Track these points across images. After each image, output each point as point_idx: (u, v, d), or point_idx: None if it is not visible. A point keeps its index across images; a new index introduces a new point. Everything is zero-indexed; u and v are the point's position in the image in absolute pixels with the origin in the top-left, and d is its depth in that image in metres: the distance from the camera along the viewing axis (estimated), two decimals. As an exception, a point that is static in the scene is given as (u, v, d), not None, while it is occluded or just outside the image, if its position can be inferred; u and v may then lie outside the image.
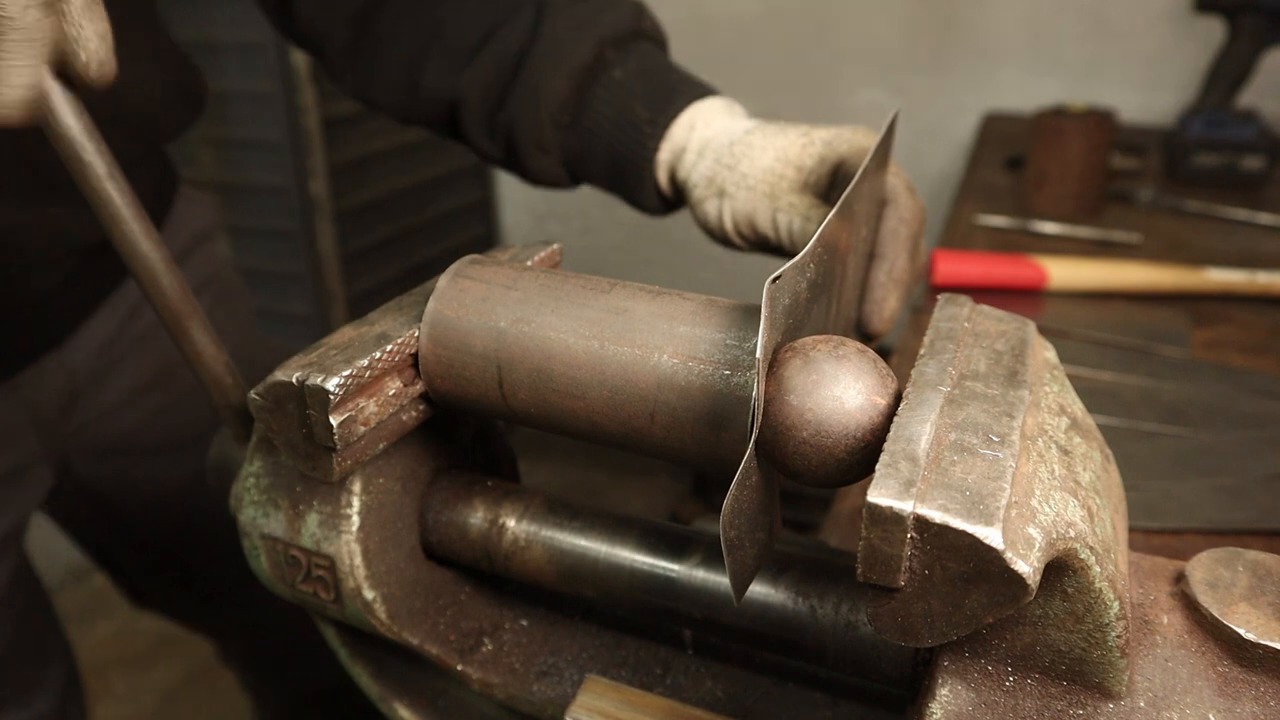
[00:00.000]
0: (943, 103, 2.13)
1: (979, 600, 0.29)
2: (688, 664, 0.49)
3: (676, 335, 0.38)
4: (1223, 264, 1.10)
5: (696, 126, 0.66)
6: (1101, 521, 0.32)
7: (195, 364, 0.50)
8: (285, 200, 2.06)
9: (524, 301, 0.41)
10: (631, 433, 0.39)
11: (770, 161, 0.62)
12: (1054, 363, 0.39)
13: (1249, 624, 0.32)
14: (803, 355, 0.34)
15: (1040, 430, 0.33)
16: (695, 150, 0.66)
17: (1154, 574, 0.36)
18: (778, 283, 0.32)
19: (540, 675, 0.49)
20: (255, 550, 0.47)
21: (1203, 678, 0.32)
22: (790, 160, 0.61)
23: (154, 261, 0.46)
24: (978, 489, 0.29)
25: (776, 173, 0.61)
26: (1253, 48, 1.49)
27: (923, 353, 0.36)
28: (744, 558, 0.34)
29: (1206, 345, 0.96)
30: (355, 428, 0.40)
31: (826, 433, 0.33)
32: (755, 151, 0.63)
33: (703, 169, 0.65)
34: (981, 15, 2.04)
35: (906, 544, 0.29)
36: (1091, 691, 0.32)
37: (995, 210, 1.34)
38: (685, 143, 0.66)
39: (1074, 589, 0.31)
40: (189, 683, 2.00)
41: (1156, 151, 1.59)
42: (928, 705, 0.33)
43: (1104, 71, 1.97)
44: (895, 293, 0.57)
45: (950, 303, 0.40)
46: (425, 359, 0.42)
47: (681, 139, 0.66)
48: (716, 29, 2.29)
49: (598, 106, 0.69)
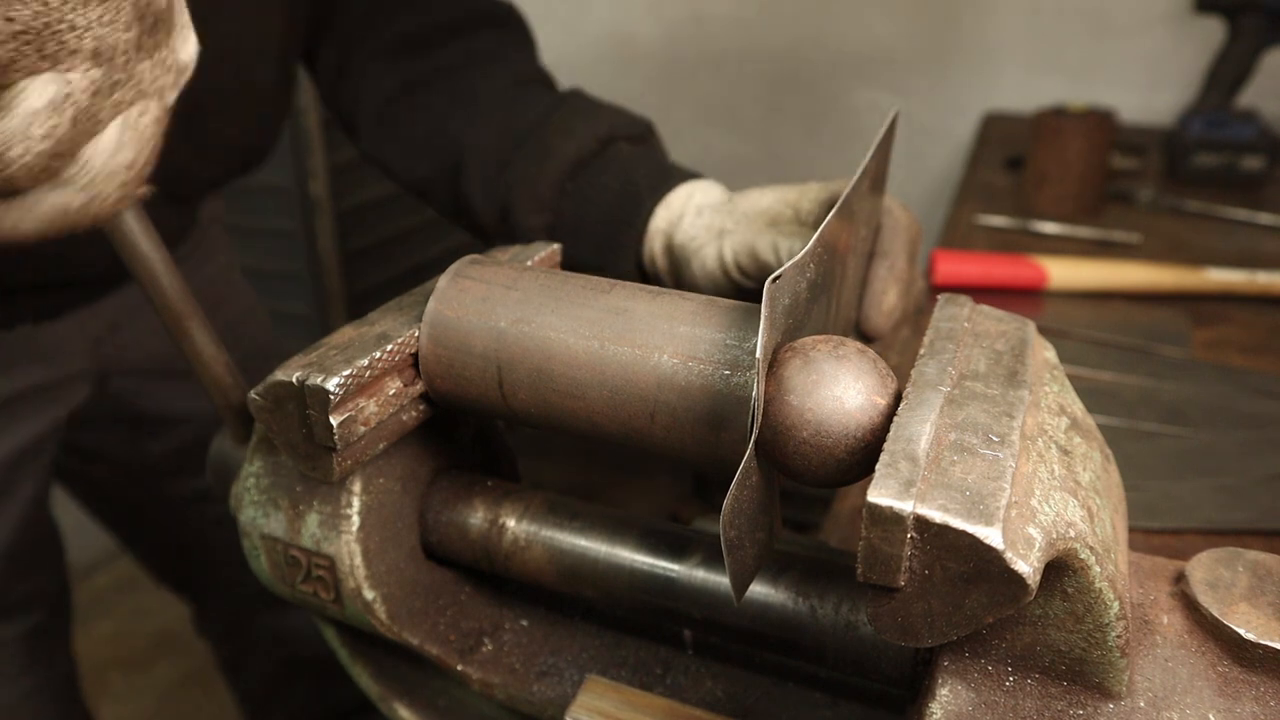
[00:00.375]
0: (943, 103, 2.13)
1: (979, 600, 0.29)
2: (688, 664, 0.49)
3: (676, 335, 0.38)
4: (1223, 264, 1.10)
5: (695, 195, 0.69)
6: (1101, 521, 0.32)
7: (195, 364, 0.50)
8: (285, 200, 2.06)
9: (524, 301, 0.41)
10: (631, 433, 0.39)
11: (770, 201, 0.64)
12: (1054, 363, 0.39)
13: (1249, 624, 0.32)
14: (803, 355, 0.34)
15: (1040, 430, 0.33)
16: (694, 211, 0.68)
17: (1154, 574, 0.36)
18: (778, 283, 0.32)
19: (540, 675, 0.49)
20: (255, 550, 0.47)
21: (1203, 678, 0.32)
22: (789, 202, 0.64)
23: (154, 262, 0.46)
24: (978, 489, 0.29)
25: (776, 210, 0.64)
26: (1253, 48, 1.49)
27: (923, 353, 0.36)
28: (744, 558, 0.34)
29: (1206, 345, 0.96)
30: (355, 428, 0.40)
31: (826, 433, 0.33)
32: (754, 195, 0.66)
33: (702, 223, 0.67)
34: (982, 15, 2.04)
35: (906, 544, 0.29)
36: (1091, 691, 0.32)
37: (995, 210, 1.34)
38: (683, 209, 0.69)
39: (1074, 589, 0.31)
40: (188, 683, 2.00)
41: (1156, 151, 1.58)
42: (928, 705, 0.33)
43: (1104, 71, 1.97)
44: (895, 288, 0.58)
45: (950, 303, 0.40)
46: (425, 359, 0.42)
47: (679, 205, 0.69)
48: (716, 29, 2.29)
49: (599, 174, 0.72)
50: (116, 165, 0.39)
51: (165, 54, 0.40)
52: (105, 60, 0.36)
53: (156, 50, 0.39)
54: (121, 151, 0.39)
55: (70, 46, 0.34)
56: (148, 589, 1.97)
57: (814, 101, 2.27)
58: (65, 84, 0.35)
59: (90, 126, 0.37)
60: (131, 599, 2.20)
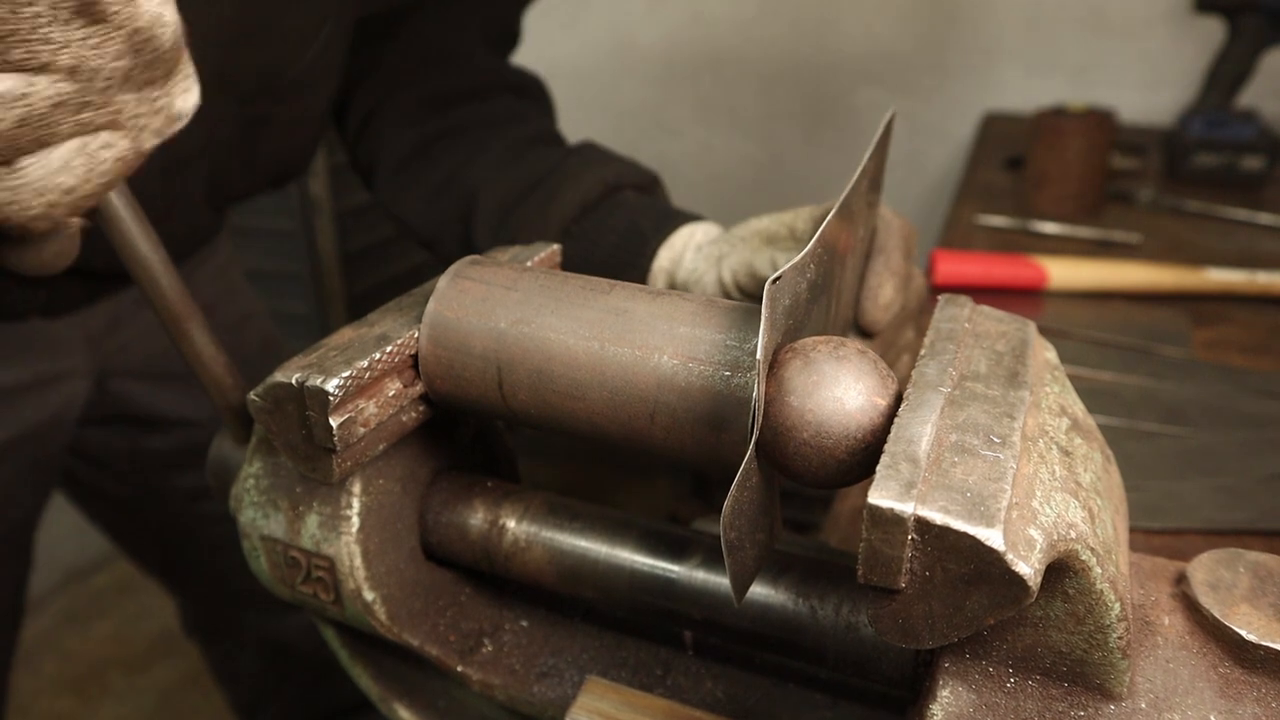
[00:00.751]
0: (943, 103, 2.13)
1: (980, 602, 0.29)
2: (688, 665, 0.49)
3: (676, 336, 0.38)
4: (1223, 264, 1.10)
5: (695, 234, 0.71)
6: (1102, 522, 0.32)
7: (195, 364, 0.50)
8: (285, 200, 2.06)
9: (524, 302, 0.41)
10: (631, 433, 0.39)
11: (766, 223, 0.66)
12: (1055, 363, 0.39)
13: (1250, 625, 0.32)
14: (803, 356, 0.34)
15: (1041, 431, 0.33)
16: (694, 249, 0.70)
17: (1155, 575, 0.36)
18: (778, 283, 0.32)
19: (540, 676, 0.49)
20: (255, 551, 0.47)
21: (1204, 679, 0.32)
22: (784, 222, 0.65)
23: (153, 262, 0.46)
24: (978, 490, 0.29)
25: (772, 230, 0.65)
26: (1253, 48, 1.49)
27: (923, 353, 0.36)
28: (744, 559, 0.34)
29: (1206, 345, 0.96)
30: (355, 429, 0.40)
31: (827, 434, 0.33)
32: (751, 220, 0.67)
33: (701, 256, 0.68)
34: (982, 15, 2.04)
35: (907, 545, 0.29)
36: (1093, 693, 0.32)
37: (995, 210, 1.34)
38: (685, 247, 0.70)
39: (1075, 590, 0.31)
40: (188, 683, 2.00)
41: (1156, 151, 1.58)
42: (928, 706, 0.33)
43: (1104, 71, 1.97)
44: (891, 282, 0.58)
45: (950, 303, 0.40)
46: (425, 360, 0.42)
47: (681, 244, 0.71)
48: (716, 29, 2.29)
49: (606, 216, 0.74)
50: (52, 184, 0.37)
51: (158, 95, 0.39)
52: (82, 80, 0.35)
53: (148, 87, 0.38)
54: (64, 174, 0.37)
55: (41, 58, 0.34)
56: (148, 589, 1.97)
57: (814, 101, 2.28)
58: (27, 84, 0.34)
59: (40, 135, 0.36)
60: (131, 599, 2.20)
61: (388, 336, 0.41)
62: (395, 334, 0.42)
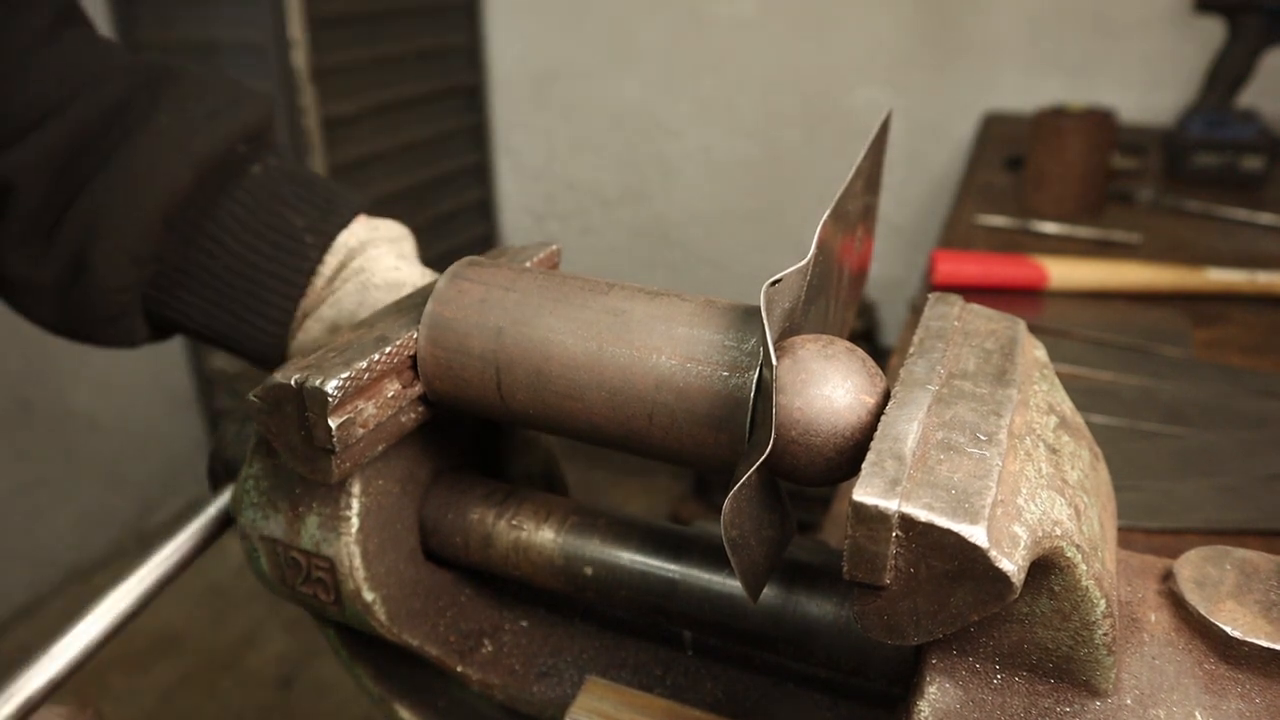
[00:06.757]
0: (943, 103, 2.13)
1: (964, 598, 0.29)
2: (687, 665, 0.49)
3: (675, 336, 0.38)
4: (1223, 264, 1.10)
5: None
6: (1089, 519, 0.32)
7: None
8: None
9: (522, 303, 0.41)
10: (630, 434, 0.39)
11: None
12: (1044, 361, 0.39)
13: (1235, 621, 0.32)
14: (791, 354, 0.34)
15: (1028, 429, 0.33)
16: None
17: (1142, 572, 0.37)
18: (777, 286, 0.33)
19: (540, 676, 0.49)
20: (255, 552, 0.47)
21: (1189, 675, 0.32)
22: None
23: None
24: (963, 487, 0.29)
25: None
26: (1253, 48, 1.49)
27: (912, 351, 0.36)
28: (752, 556, 0.34)
29: (1206, 345, 0.96)
30: (354, 430, 0.40)
31: (815, 432, 0.33)
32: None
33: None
34: (982, 15, 2.04)
35: (892, 542, 0.29)
36: (1079, 689, 0.32)
37: (995, 210, 1.34)
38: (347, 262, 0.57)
39: (1060, 587, 0.31)
40: (188, 683, 2.01)
41: (1156, 151, 1.59)
42: (916, 703, 0.33)
43: (1104, 71, 1.97)
44: None
45: (940, 301, 0.40)
46: (424, 360, 0.42)
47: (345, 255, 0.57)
48: (716, 29, 2.30)
49: (230, 207, 0.56)
50: None
51: None
52: None
53: None
54: None
55: None
56: (152, 590, 1.97)
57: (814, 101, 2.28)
58: None
59: None
60: (135, 600, 2.20)
61: (386, 337, 0.42)
62: (394, 335, 0.42)
